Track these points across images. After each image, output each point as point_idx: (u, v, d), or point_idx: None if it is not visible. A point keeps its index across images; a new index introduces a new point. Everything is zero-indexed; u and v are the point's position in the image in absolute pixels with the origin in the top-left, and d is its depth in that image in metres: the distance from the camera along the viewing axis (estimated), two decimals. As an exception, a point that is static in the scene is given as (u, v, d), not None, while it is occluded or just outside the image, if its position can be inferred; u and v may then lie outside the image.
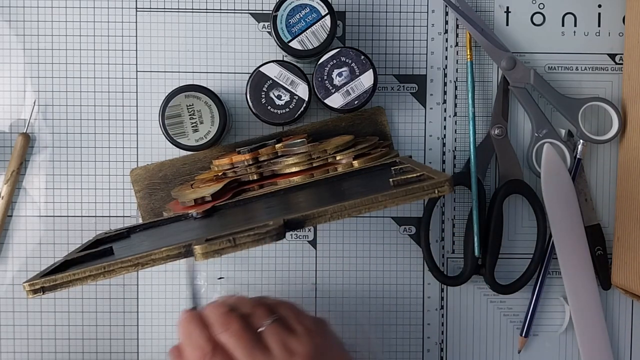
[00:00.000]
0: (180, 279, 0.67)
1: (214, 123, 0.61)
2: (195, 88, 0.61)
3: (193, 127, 0.61)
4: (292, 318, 0.52)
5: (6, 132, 0.66)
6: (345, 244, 0.68)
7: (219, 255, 0.45)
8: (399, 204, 0.46)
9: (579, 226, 0.66)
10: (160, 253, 0.46)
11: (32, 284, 0.46)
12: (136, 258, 0.46)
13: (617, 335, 0.69)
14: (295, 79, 0.61)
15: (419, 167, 0.51)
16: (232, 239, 0.45)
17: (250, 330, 0.50)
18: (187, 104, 0.61)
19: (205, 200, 0.59)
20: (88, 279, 0.46)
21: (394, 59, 0.67)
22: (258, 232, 0.45)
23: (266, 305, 0.53)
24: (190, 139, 0.61)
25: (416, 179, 0.48)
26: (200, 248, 0.45)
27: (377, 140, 0.64)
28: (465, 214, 0.68)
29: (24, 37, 0.66)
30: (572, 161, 0.67)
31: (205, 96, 0.61)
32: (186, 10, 0.67)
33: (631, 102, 0.66)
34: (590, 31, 0.68)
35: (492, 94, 0.68)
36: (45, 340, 0.67)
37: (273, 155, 0.61)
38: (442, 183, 0.46)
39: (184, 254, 0.46)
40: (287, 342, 0.50)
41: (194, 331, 0.50)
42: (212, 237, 0.45)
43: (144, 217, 0.66)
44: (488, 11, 0.67)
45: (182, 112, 0.61)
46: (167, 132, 0.61)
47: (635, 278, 0.63)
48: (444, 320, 0.68)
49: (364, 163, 0.60)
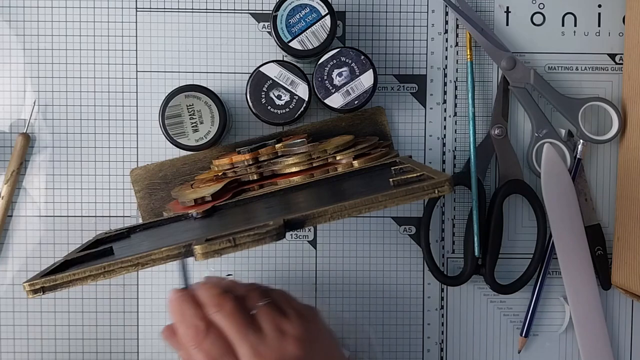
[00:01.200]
0: (180, 278, 0.67)
1: (214, 123, 0.61)
2: (195, 88, 0.61)
3: (193, 127, 0.61)
4: (284, 302, 0.53)
5: (6, 132, 0.66)
6: (345, 244, 0.68)
7: (219, 255, 0.45)
8: (399, 204, 0.46)
9: (579, 226, 0.66)
10: (160, 253, 0.46)
11: (32, 284, 0.46)
12: (136, 258, 0.46)
13: (617, 335, 0.69)
14: (295, 79, 0.61)
15: (419, 167, 0.51)
16: (232, 239, 0.45)
17: (243, 311, 0.50)
18: (187, 104, 0.61)
19: (205, 200, 0.59)
20: (88, 279, 0.46)
21: (394, 59, 0.67)
22: (258, 232, 0.45)
23: (259, 290, 0.54)
24: (190, 139, 0.61)
25: (416, 179, 0.48)
26: (201, 248, 0.45)
27: (377, 140, 0.64)
28: (465, 214, 0.68)
29: (24, 37, 0.66)
30: (572, 161, 0.67)
31: (205, 96, 0.61)
32: (186, 10, 0.67)
33: (631, 102, 0.66)
34: (590, 31, 0.68)
35: (492, 94, 0.68)
36: (45, 340, 0.67)
37: (273, 155, 0.61)
38: (442, 183, 0.46)
39: (184, 254, 0.46)
40: (280, 324, 0.51)
41: (187, 310, 0.50)
42: (212, 237, 0.45)
43: (144, 217, 0.66)
44: (488, 11, 0.67)
45: (182, 112, 0.61)
46: (167, 132, 0.61)
47: (635, 278, 0.63)
48: (444, 320, 0.68)
49: (364, 163, 0.60)
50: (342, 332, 0.68)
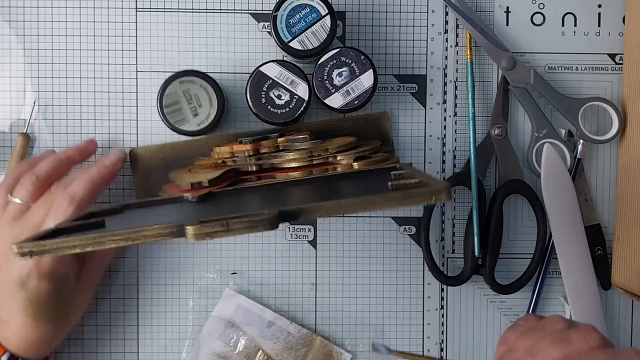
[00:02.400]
0: (180, 279, 0.67)
1: (212, 105, 0.61)
2: (188, 73, 0.61)
3: (193, 112, 0.61)
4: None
5: (6, 132, 0.66)
6: (345, 244, 0.68)
7: (211, 238, 0.45)
8: (396, 207, 0.46)
9: (579, 226, 0.66)
10: (152, 230, 0.46)
11: (20, 246, 0.46)
12: (127, 232, 0.46)
13: (617, 335, 0.69)
14: (295, 78, 0.61)
15: (418, 174, 0.51)
16: (225, 223, 0.45)
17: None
18: (183, 89, 0.61)
19: (202, 185, 0.58)
20: (77, 247, 0.46)
21: (394, 59, 0.67)
22: (252, 220, 0.45)
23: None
24: (192, 124, 0.61)
25: (415, 185, 0.49)
26: (192, 229, 0.45)
27: (379, 145, 0.64)
28: (465, 214, 0.68)
29: (24, 37, 0.66)
30: (572, 161, 0.67)
31: (199, 79, 0.61)
32: (186, 10, 0.67)
33: (631, 102, 0.66)
34: (590, 31, 0.68)
35: (492, 94, 0.68)
36: (45, 340, 0.67)
37: (274, 149, 0.61)
38: (441, 190, 0.46)
39: (176, 233, 0.45)
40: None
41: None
42: (206, 220, 0.45)
43: (138, 197, 0.66)
44: (488, 11, 0.68)
45: (179, 99, 0.61)
46: (168, 120, 0.61)
47: (635, 278, 0.63)
48: (444, 320, 0.68)
49: (364, 166, 0.60)
50: (342, 332, 0.68)
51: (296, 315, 0.68)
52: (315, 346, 0.67)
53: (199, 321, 0.67)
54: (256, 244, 0.67)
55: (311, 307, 0.68)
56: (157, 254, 0.67)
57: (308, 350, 0.67)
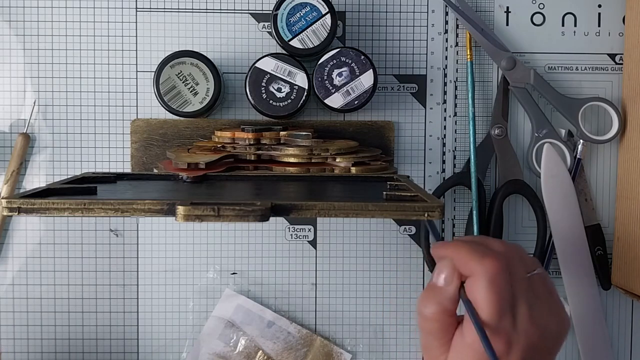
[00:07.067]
0: (180, 279, 0.67)
1: (208, 79, 0.61)
2: (175, 55, 0.61)
3: (192, 92, 0.61)
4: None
5: (6, 132, 0.66)
6: (345, 244, 0.68)
7: (200, 220, 0.45)
8: (387, 217, 0.46)
9: (579, 226, 0.66)
10: (143, 204, 0.45)
11: (9, 201, 0.45)
12: (118, 203, 0.45)
13: (617, 335, 0.69)
14: (292, 69, 0.61)
15: (414, 188, 0.51)
16: (216, 209, 0.45)
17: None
18: (176, 72, 0.61)
19: (198, 167, 0.58)
20: (66, 211, 0.45)
21: (394, 59, 0.67)
22: (244, 209, 0.45)
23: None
24: (194, 104, 0.61)
25: (409, 198, 0.49)
26: (183, 209, 0.44)
27: (380, 153, 0.64)
28: (465, 214, 0.68)
29: (24, 37, 0.66)
30: (572, 161, 0.67)
31: (189, 58, 0.61)
32: (186, 10, 0.67)
33: (631, 102, 0.66)
34: (590, 31, 0.68)
35: (492, 94, 0.68)
36: (45, 340, 0.67)
37: (275, 141, 0.61)
38: (434, 208, 0.46)
39: (166, 211, 0.45)
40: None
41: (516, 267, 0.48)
42: (198, 202, 0.45)
43: (133, 169, 0.66)
44: (488, 11, 0.68)
45: (175, 83, 0.61)
46: (170, 106, 0.61)
47: (635, 278, 0.63)
48: (444, 320, 0.68)
49: (361, 171, 0.60)
50: (342, 332, 0.68)
51: (296, 315, 0.68)
52: (315, 346, 0.67)
53: (199, 321, 0.67)
54: (256, 244, 0.67)
55: (311, 307, 0.68)
56: (157, 254, 0.67)
57: (308, 351, 0.67)
